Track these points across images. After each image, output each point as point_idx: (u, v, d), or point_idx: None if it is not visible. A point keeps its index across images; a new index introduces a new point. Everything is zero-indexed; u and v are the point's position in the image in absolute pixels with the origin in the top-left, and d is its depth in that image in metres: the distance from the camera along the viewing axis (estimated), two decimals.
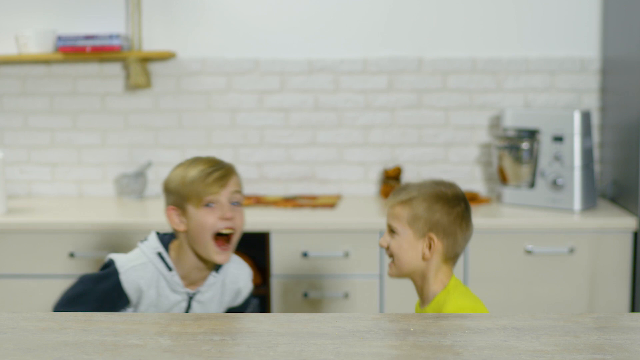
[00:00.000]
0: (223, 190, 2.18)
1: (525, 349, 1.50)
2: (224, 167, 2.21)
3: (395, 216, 2.06)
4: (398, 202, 2.06)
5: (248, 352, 1.49)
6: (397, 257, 2.06)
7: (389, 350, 1.50)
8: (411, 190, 2.07)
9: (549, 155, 3.25)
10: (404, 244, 2.04)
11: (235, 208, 2.21)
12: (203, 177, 2.17)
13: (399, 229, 2.05)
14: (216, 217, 2.17)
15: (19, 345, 1.55)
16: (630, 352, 1.49)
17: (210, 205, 2.18)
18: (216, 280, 2.27)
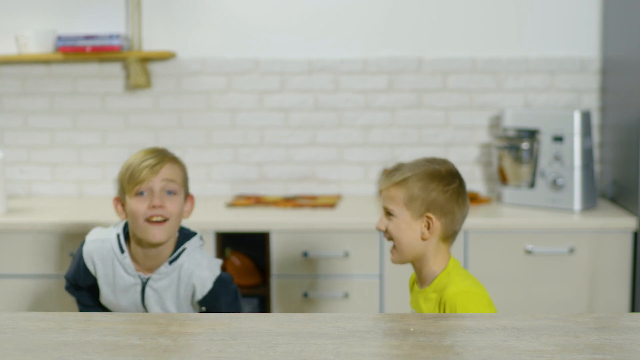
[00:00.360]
0: (154, 178, 2.22)
1: (525, 349, 1.50)
2: (157, 156, 2.24)
3: (391, 198, 2.05)
4: (392, 183, 2.05)
5: (248, 352, 1.49)
6: (397, 240, 2.04)
7: (389, 350, 1.50)
8: (404, 170, 2.05)
9: (549, 155, 3.25)
10: (402, 225, 2.03)
11: (168, 197, 2.24)
12: (135, 166, 2.23)
13: (395, 211, 2.04)
14: (145, 205, 2.22)
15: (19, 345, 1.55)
16: (630, 352, 1.49)
17: (141, 193, 2.23)
18: (168, 270, 2.29)
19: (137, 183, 2.22)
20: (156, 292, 2.30)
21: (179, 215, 2.27)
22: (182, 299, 2.32)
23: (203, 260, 2.32)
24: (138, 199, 2.22)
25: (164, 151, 2.30)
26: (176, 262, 2.29)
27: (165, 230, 2.24)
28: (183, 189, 2.30)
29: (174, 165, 2.27)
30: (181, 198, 2.28)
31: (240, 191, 3.70)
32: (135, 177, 2.21)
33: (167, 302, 2.31)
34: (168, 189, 2.24)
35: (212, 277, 2.31)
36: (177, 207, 2.25)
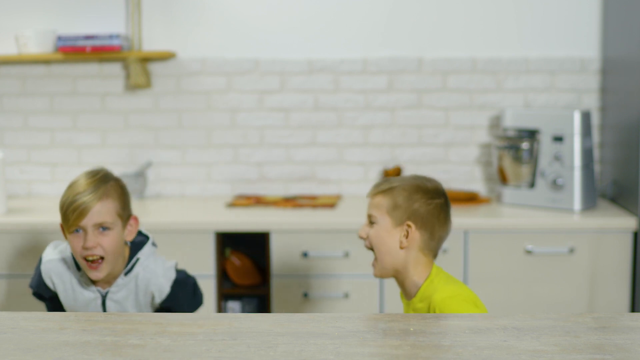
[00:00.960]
0: (83, 221, 2.20)
1: (525, 349, 1.50)
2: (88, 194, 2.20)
3: (376, 205, 2.09)
4: (379, 191, 2.10)
5: (248, 352, 1.49)
6: (377, 248, 2.08)
7: (389, 350, 1.50)
8: (393, 181, 2.11)
9: (549, 155, 3.25)
10: (382, 232, 2.07)
11: (102, 233, 2.22)
12: (67, 206, 2.21)
13: (377, 218, 2.08)
14: (80, 245, 2.22)
15: (19, 345, 1.55)
16: (630, 352, 1.49)
17: (77, 231, 2.22)
18: (125, 282, 2.32)
19: (70, 222, 2.21)
20: (117, 303, 2.33)
21: (115, 249, 2.26)
22: (142, 305, 2.36)
23: (157, 268, 2.34)
24: (74, 237, 2.23)
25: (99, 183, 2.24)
26: (131, 272, 2.32)
27: (103, 269, 2.25)
28: (119, 219, 2.26)
29: (106, 201, 2.22)
30: (117, 231, 2.25)
31: (240, 191, 3.70)
32: (67, 218, 2.21)
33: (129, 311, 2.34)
34: (101, 226, 2.23)
35: (168, 282, 2.34)
36: (112, 242, 2.24)
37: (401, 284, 2.10)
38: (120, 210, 2.26)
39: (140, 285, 2.32)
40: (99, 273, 2.25)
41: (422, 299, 2.03)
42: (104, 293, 2.32)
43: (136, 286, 2.33)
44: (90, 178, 2.24)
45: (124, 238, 2.30)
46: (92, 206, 2.19)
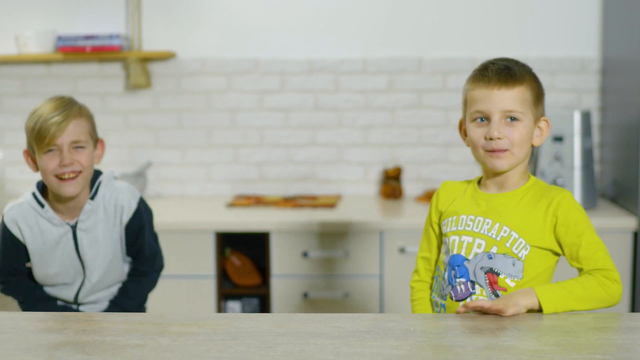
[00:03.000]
0: (61, 137, 2.21)
1: (525, 349, 1.50)
2: (62, 113, 2.22)
3: (516, 99, 1.81)
4: (519, 82, 1.82)
5: (248, 352, 1.49)
6: (520, 147, 1.83)
7: (389, 350, 1.50)
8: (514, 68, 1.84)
9: (549, 155, 3.25)
10: (525, 132, 1.83)
11: (77, 151, 2.24)
12: (42, 124, 2.21)
13: (523, 114, 1.82)
14: (55, 163, 2.22)
15: (19, 345, 1.55)
16: (630, 352, 1.49)
17: (51, 150, 2.22)
18: (93, 207, 2.31)
19: (45, 142, 2.21)
20: (88, 232, 2.31)
21: (90, 166, 2.28)
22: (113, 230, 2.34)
23: (122, 186, 2.37)
24: (48, 156, 2.22)
25: (69, 104, 2.27)
26: (97, 195, 2.32)
27: (78, 184, 2.25)
28: (91, 139, 2.30)
29: (80, 119, 2.26)
30: (90, 149, 2.29)
31: (240, 191, 3.70)
32: (42, 136, 2.21)
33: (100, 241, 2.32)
34: (76, 145, 2.24)
35: (135, 199, 2.35)
36: (87, 159, 2.26)
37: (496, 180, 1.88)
38: (91, 130, 2.29)
39: (109, 206, 2.32)
40: (74, 187, 2.24)
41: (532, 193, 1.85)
42: (73, 224, 2.30)
43: (104, 208, 2.32)
44: (56, 101, 2.26)
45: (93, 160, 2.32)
46: (68, 124, 2.21)
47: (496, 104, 1.81)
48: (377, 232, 3.08)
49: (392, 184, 3.55)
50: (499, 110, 1.81)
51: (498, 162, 1.82)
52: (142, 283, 2.44)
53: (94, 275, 2.35)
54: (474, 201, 1.90)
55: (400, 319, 1.71)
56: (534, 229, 1.82)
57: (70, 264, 2.34)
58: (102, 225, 2.33)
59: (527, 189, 1.87)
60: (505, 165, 1.83)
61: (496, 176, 1.87)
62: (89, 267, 2.34)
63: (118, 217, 2.33)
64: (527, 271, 1.81)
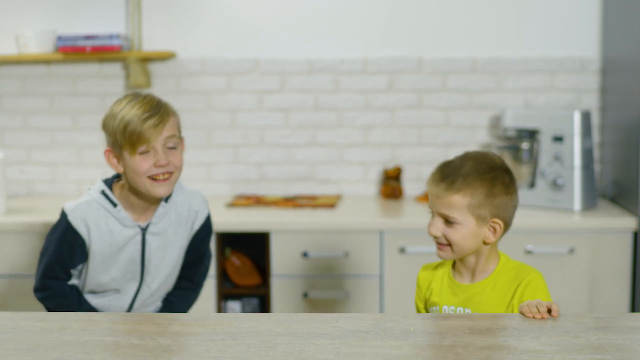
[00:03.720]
0: (156, 138, 2.16)
1: (525, 349, 1.50)
2: (157, 113, 2.17)
3: (452, 205, 1.90)
4: (454, 190, 1.90)
5: (248, 352, 1.49)
6: (458, 245, 1.91)
7: (389, 350, 1.50)
8: (463, 173, 1.91)
9: (549, 155, 3.25)
10: (466, 232, 1.91)
11: (170, 152, 2.20)
12: (136, 124, 2.14)
13: (459, 219, 1.90)
14: (150, 164, 2.17)
15: (19, 345, 1.55)
16: (630, 352, 1.49)
17: (146, 152, 2.17)
18: (166, 210, 2.27)
19: (141, 143, 2.15)
20: (158, 236, 2.27)
21: (181, 166, 2.25)
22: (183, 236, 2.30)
23: (193, 191, 2.36)
24: (142, 158, 2.16)
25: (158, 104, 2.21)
26: (171, 198, 2.28)
27: (171, 184, 2.22)
28: (181, 139, 2.27)
29: (173, 119, 2.22)
30: (181, 149, 2.25)
31: (240, 191, 3.70)
32: (137, 137, 2.14)
33: (169, 245, 2.28)
34: (170, 144, 2.20)
35: (206, 204, 2.36)
36: (179, 159, 2.23)
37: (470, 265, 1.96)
38: (179, 130, 2.25)
39: (181, 211, 2.29)
40: (167, 188, 2.20)
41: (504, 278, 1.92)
42: (144, 226, 2.25)
43: (177, 214, 2.29)
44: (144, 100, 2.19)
45: None
46: (165, 125, 2.16)
47: (435, 206, 1.93)
48: (377, 232, 3.08)
49: (392, 184, 3.55)
50: (436, 212, 1.93)
51: (441, 253, 1.95)
52: (189, 297, 2.39)
53: (155, 282, 2.30)
54: (452, 291, 1.97)
55: (400, 319, 1.71)
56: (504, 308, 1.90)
57: (131, 268, 2.28)
58: (173, 229, 2.29)
59: (498, 275, 1.94)
60: (448, 257, 1.95)
61: (461, 263, 1.97)
62: (151, 273, 2.29)
63: (190, 222, 2.31)
64: None
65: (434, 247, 1.97)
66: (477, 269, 1.95)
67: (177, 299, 2.38)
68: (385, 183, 3.58)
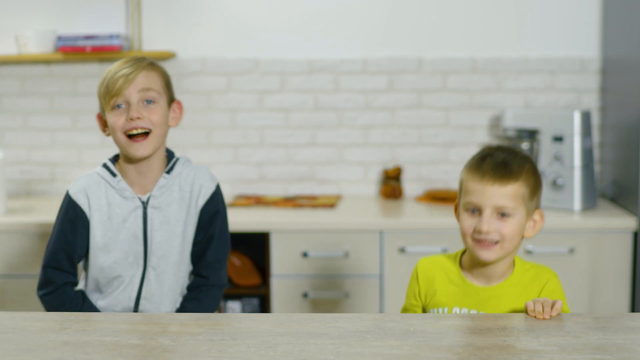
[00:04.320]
0: (129, 88, 2.07)
1: (525, 349, 1.50)
2: (132, 65, 2.09)
3: (509, 195, 1.80)
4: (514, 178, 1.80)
5: (248, 352, 1.49)
6: (510, 240, 1.81)
7: (389, 350, 1.50)
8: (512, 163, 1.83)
9: (549, 155, 3.25)
10: (518, 226, 1.82)
11: (147, 106, 2.10)
12: (109, 78, 2.08)
13: (514, 210, 1.80)
14: (124, 118, 2.08)
15: (19, 345, 1.55)
16: (630, 352, 1.49)
17: (119, 106, 2.09)
18: (168, 181, 2.16)
19: (113, 95, 2.07)
20: (160, 210, 2.14)
21: (161, 124, 2.13)
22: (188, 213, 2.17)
23: (201, 167, 2.23)
24: (115, 113, 2.08)
25: (141, 58, 2.14)
26: (173, 171, 2.17)
27: (150, 144, 2.11)
28: (165, 95, 2.15)
29: (151, 72, 2.11)
30: (162, 106, 2.13)
31: (240, 191, 3.70)
32: (110, 90, 2.07)
33: (172, 222, 2.15)
34: (146, 98, 2.09)
35: (214, 181, 2.21)
36: (158, 115, 2.11)
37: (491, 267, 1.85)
38: (165, 85, 2.15)
39: (185, 185, 2.17)
40: (144, 148, 2.09)
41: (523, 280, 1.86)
42: (145, 199, 2.14)
43: (180, 187, 2.16)
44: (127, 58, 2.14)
45: (168, 121, 2.17)
46: (139, 73, 2.08)
47: (488, 199, 1.80)
48: (377, 232, 3.08)
49: (392, 184, 3.55)
50: (491, 205, 1.80)
51: (486, 253, 1.81)
52: (203, 301, 2.20)
53: (161, 264, 2.14)
54: (464, 293, 1.86)
55: (400, 319, 1.71)
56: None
57: (133, 249, 2.14)
58: (177, 204, 2.15)
59: (517, 278, 1.86)
60: (492, 257, 1.81)
61: (482, 266, 1.85)
62: (155, 252, 2.14)
63: (194, 198, 2.16)
64: None
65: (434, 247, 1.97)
66: (494, 273, 1.86)
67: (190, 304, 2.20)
68: (385, 183, 3.58)
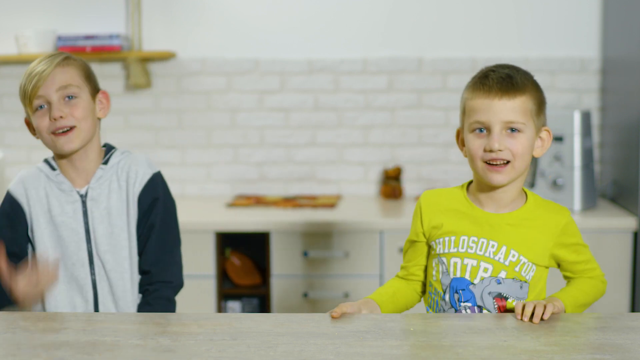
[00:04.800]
0: (44, 90, 1.99)
1: (525, 349, 1.50)
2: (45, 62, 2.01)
3: (518, 109, 1.72)
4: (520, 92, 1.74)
5: (248, 352, 1.49)
6: (522, 159, 1.73)
7: (389, 350, 1.50)
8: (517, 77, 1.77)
9: (549, 155, 3.25)
10: (529, 142, 1.73)
11: (69, 103, 2.01)
12: (25, 79, 2.00)
13: (524, 126, 1.72)
14: (47, 119, 2.00)
15: (19, 345, 1.55)
16: (630, 352, 1.49)
17: (41, 107, 2.01)
18: (105, 172, 2.08)
19: (31, 97, 1.99)
20: (99, 203, 2.06)
21: (85, 118, 2.03)
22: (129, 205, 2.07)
23: (140, 156, 2.14)
24: (39, 114, 2.00)
25: (56, 54, 2.05)
26: (110, 161, 2.09)
27: (76, 137, 2.02)
28: (86, 88, 2.05)
29: (66, 67, 2.02)
30: (85, 99, 2.04)
31: (240, 191, 3.70)
32: (26, 91, 1.99)
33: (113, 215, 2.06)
34: (66, 94, 2.01)
35: (152, 169, 2.11)
36: (81, 110, 2.01)
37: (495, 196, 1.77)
38: (84, 78, 2.06)
39: (121, 173, 2.08)
40: (71, 142, 2.01)
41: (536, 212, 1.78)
42: (84, 193, 2.05)
43: (117, 177, 2.08)
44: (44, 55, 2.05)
45: (96, 113, 2.07)
46: (52, 71, 1.99)
47: (497, 114, 1.71)
48: (377, 232, 3.08)
49: (392, 184, 3.55)
50: (500, 121, 1.71)
51: (497, 177, 1.72)
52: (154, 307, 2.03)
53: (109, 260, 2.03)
54: (473, 220, 1.78)
55: (400, 319, 1.71)
56: (539, 250, 1.78)
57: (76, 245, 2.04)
58: (116, 195, 2.07)
59: (530, 208, 1.78)
60: (505, 180, 1.73)
61: (492, 191, 1.77)
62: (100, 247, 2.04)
63: (131, 186, 2.07)
64: (530, 291, 1.80)
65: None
66: (504, 198, 1.76)
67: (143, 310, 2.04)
68: (385, 183, 3.58)
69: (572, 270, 1.89)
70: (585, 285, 1.88)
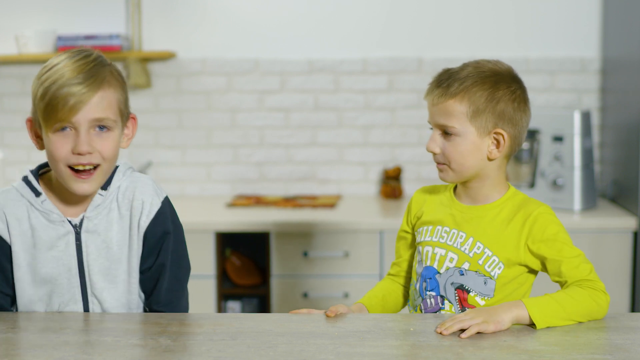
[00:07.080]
0: (75, 117, 1.62)
1: (525, 349, 1.50)
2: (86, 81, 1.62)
3: (449, 113, 1.71)
4: (450, 95, 1.71)
5: (248, 352, 1.49)
6: (458, 163, 1.72)
7: (389, 350, 1.50)
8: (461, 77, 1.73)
9: (549, 155, 3.25)
10: (467, 146, 1.71)
11: (99, 135, 1.66)
12: (54, 93, 1.61)
13: (458, 129, 1.71)
14: (68, 148, 1.64)
15: (19, 345, 1.55)
16: (630, 352, 1.49)
17: (64, 129, 1.64)
18: (105, 199, 1.73)
19: (57, 118, 1.61)
20: (96, 235, 1.72)
21: (113, 157, 1.70)
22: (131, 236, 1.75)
23: (144, 177, 1.80)
24: (59, 137, 1.63)
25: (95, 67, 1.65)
26: (110, 186, 1.74)
27: (95, 181, 1.68)
28: (120, 117, 1.70)
29: (107, 91, 1.65)
30: (118, 132, 1.70)
31: (240, 191, 3.70)
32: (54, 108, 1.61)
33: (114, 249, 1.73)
34: (100, 124, 1.66)
35: (159, 196, 1.79)
36: (111, 147, 1.67)
37: (473, 189, 1.78)
38: (122, 106, 1.71)
39: (123, 201, 1.74)
40: (89, 185, 1.67)
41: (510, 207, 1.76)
42: (78, 222, 1.71)
43: (118, 205, 1.74)
44: (80, 60, 1.65)
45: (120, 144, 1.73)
46: (93, 95, 1.63)
47: (433, 117, 1.75)
48: (377, 232, 3.08)
49: (392, 184, 3.55)
50: (434, 123, 1.74)
51: (441, 174, 1.77)
52: None
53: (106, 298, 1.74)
54: (449, 211, 1.80)
55: (400, 319, 1.71)
56: (509, 246, 1.73)
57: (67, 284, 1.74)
58: (117, 226, 1.74)
59: (504, 203, 1.77)
60: (450, 178, 1.76)
61: (465, 187, 1.79)
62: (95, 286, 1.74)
63: (136, 217, 1.74)
64: (499, 290, 1.75)
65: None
66: (480, 194, 1.77)
67: None
68: (385, 183, 3.58)
69: (559, 273, 1.72)
70: (576, 293, 1.66)
